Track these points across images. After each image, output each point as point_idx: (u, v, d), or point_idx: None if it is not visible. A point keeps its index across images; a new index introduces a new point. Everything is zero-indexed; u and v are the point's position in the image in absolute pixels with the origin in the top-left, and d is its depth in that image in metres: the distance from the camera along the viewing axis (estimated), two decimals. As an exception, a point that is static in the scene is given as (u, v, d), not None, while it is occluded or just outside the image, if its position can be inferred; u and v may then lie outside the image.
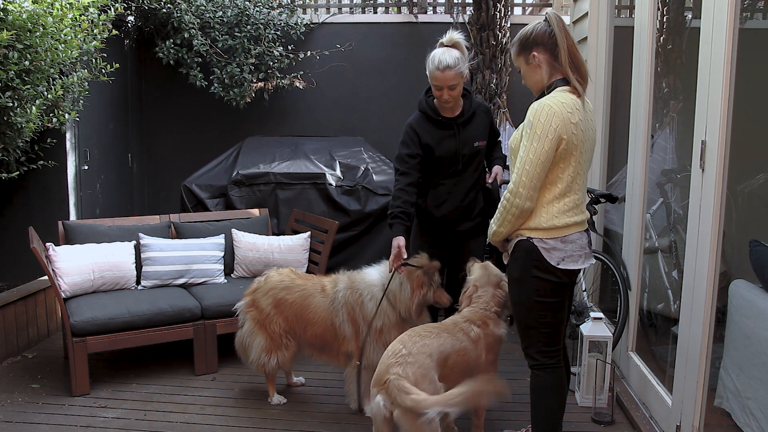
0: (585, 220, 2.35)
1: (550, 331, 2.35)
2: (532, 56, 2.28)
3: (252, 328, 3.20)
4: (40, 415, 3.14)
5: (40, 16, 3.44)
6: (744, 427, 2.48)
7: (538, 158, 2.18)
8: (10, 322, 3.85)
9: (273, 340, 3.16)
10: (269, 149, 4.94)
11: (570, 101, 2.21)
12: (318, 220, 4.21)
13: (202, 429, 3.03)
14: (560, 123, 2.16)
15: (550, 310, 2.32)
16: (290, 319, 3.14)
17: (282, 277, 3.23)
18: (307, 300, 3.12)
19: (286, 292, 3.16)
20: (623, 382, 3.39)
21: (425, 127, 2.98)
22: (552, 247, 2.26)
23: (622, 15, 4.30)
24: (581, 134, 2.22)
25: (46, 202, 4.48)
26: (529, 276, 2.29)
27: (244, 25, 5.07)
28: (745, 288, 2.64)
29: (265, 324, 3.17)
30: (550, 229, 2.26)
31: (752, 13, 4.02)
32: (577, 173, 2.26)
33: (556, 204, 2.26)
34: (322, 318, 3.08)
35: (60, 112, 3.89)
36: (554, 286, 2.29)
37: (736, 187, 3.40)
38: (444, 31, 2.99)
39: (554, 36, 2.22)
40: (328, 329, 3.07)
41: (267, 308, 3.16)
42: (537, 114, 2.19)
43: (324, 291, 3.13)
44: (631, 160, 3.35)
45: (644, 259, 3.44)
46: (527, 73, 2.34)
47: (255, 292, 3.24)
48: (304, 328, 3.13)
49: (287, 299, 3.14)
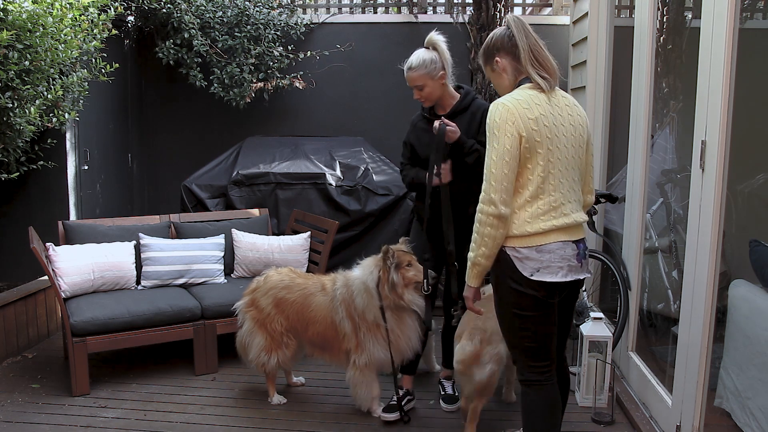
0: (571, 224, 2.13)
1: (535, 346, 2.16)
2: (495, 62, 2.26)
3: (252, 328, 3.22)
4: (40, 415, 3.14)
5: (40, 16, 3.44)
6: (744, 427, 2.48)
7: (501, 158, 2.05)
8: (10, 322, 3.85)
9: (273, 339, 3.18)
10: (269, 149, 4.94)
11: (527, 97, 2.12)
12: (318, 220, 4.22)
13: (202, 429, 3.03)
14: (516, 118, 2.06)
15: (532, 323, 2.14)
16: (291, 317, 3.16)
17: (282, 276, 3.25)
18: (309, 299, 3.14)
19: (287, 291, 3.18)
20: (623, 382, 3.39)
21: (419, 124, 3.09)
22: (525, 257, 2.08)
23: (622, 15, 4.31)
24: (545, 129, 2.08)
25: (46, 202, 4.48)
26: (506, 287, 2.13)
27: (244, 25, 5.07)
28: (745, 288, 2.64)
29: (265, 323, 3.19)
30: (522, 236, 2.08)
31: (752, 13, 4.02)
32: (548, 172, 2.09)
33: (528, 209, 2.09)
34: (324, 316, 3.10)
35: (60, 112, 3.88)
36: (533, 299, 2.10)
37: (736, 187, 3.40)
38: (444, 31, 3.00)
39: (513, 38, 2.20)
40: (329, 327, 3.10)
41: (267, 307, 3.18)
42: (492, 115, 2.11)
43: (324, 289, 3.16)
44: (631, 160, 3.35)
45: (644, 259, 3.43)
46: (495, 80, 2.31)
47: (254, 292, 3.25)
48: (306, 326, 3.14)
49: (288, 298, 3.16)
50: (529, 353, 2.18)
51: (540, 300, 2.11)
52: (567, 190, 2.15)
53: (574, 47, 4.60)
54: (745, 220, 3.36)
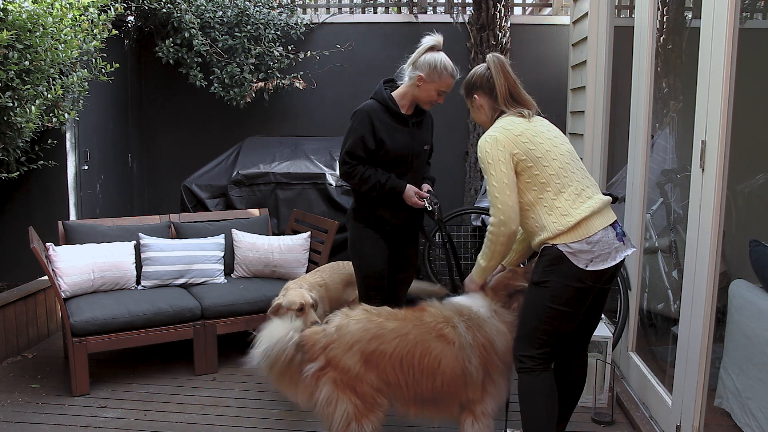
0: (600, 206, 2.28)
1: (548, 339, 2.31)
2: (474, 98, 2.49)
3: (333, 394, 2.50)
4: (40, 415, 3.14)
5: (40, 16, 3.44)
6: (744, 427, 2.48)
7: (501, 183, 2.27)
8: (10, 322, 3.85)
9: (364, 403, 2.51)
10: (269, 149, 4.94)
11: (508, 121, 2.36)
12: (318, 220, 4.22)
13: (202, 429, 3.03)
14: (505, 141, 2.29)
15: (559, 318, 2.28)
16: (391, 373, 2.49)
17: (361, 323, 2.54)
18: (421, 346, 2.49)
19: (379, 342, 2.50)
20: (623, 382, 3.39)
21: (381, 118, 2.96)
22: (578, 250, 2.22)
23: (622, 15, 4.31)
24: (534, 137, 2.32)
25: (46, 202, 4.48)
26: (550, 280, 2.26)
27: (244, 25, 5.07)
28: (745, 288, 2.64)
29: (352, 385, 2.50)
30: (568, 231, 2.23)
31: (752, 13, 4.02)
32: (557, 168, 2.29)
33: (558, 204, 2.27)
34: (452, 366, 2.49)
35: (60, 112, 3.89)
36: (575, 292, 2.24)
37: (736, 187, 3.40)
38: (444, 31, 3.00)
39: (491, 79, 2.41)
40: (458, 377, 2.51)
41: (354, 366, 2.49)
42: (482, 149, 2.33)
43: (442, 334, 2.52)
44: (631, 160, 3.35)
45: (644, 259, 3.43)
46: (474, 114, 2.56)
47: (328, 350, 2.52)
48: (418, 380, 2.50)
49: (384, 350, 2.48)
50: (540, 343, 2.32)
51: (585, 291, 2.26)
52: (581, 178, 2.34)
53: (574, 47, 4.60)
54: (745, 220, 3.36)
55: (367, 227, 3.09)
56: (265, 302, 3.52)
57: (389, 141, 2.95)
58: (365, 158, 2.98)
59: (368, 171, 2.96)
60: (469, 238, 4.91)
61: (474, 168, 5.28)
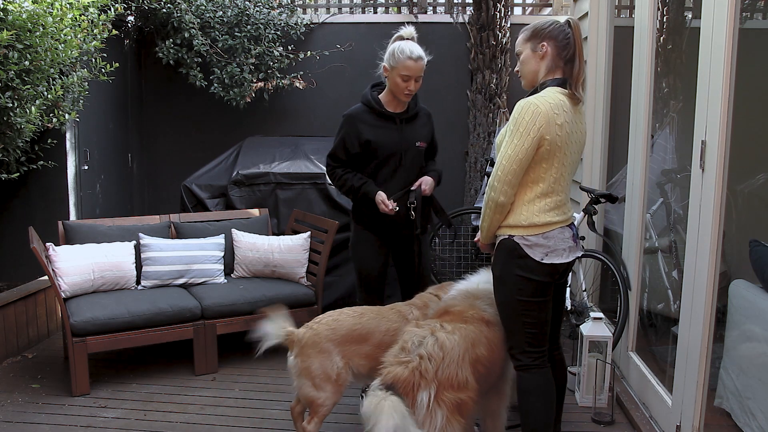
0: (568, 219, 2.35)
1: (534, 332, 2.32)
2: (541, 45, 2.28)
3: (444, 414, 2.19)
4: (40, 415, 3.14)
5: (40, 16, 3.44)
6: (744, 427, 2.48)
7: (516, 155, 2.19)
8: (10, 322, 3.85)
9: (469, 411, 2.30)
10: (269, 149, 4.94)
11: (558, 101, 2.21)
12: (318, 220, 4.22)
13: (202, 429, 3.03)
14: (544, 123, 2.17)
15: (533, 309, 2.30)
16: (483, 373, 2.39)
17: (458, 332, 2.34)
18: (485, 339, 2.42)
19: (476, 347, 2.37)
20: (623, 382, 3.39)
21: (366, 119, 2.99)
22: (534, 243, 2.25)
23: (622, 15, 4.30)
24: (566, 136, 2.22)
25: (46, 202, 4.48)
26: (511, 274, 2.29)
27: (244, 25, 5.07)
28: (745, 288, 2.64)
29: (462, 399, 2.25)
30: (529, 226, 2.26)
31: (752, 13, 4.02)
32: (561, 174, 2.27)
33: (538, 203, 2.26)
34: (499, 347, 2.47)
35: (60, 112, 3.89)
36: (537, 285, 2.27)
37: (736, 187, 3.39)
38: (444, 31, 3.01)
39: (571, 40, 2.26)
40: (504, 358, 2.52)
41: (468, 378, 2.28)
42: (522, 112, 2.19)
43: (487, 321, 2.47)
44: (631, 160, 3.35)
45: (644, 259, 3.43)
46: (528, 61, 2.33)
47: (440, 371, 2.22)
48: (491, 372, 2.47)
49: (481, 354, 2.38)
50: (529, 338, 2.32)
51: (545, 284, 2.29)
52: (568, 192, 2.38)
53: (574, 47, 4.59)
54: (745, 220, 3.35)
55: (365, 229, 3.13)
56: (265, 302, 3.53)
57: (376, 140, 2.97)
58: (347, 161, 3.03)
59: (346, 174, 3.03)
60: (469, 238, 4.91)
61: (474, 168, 5.27)
